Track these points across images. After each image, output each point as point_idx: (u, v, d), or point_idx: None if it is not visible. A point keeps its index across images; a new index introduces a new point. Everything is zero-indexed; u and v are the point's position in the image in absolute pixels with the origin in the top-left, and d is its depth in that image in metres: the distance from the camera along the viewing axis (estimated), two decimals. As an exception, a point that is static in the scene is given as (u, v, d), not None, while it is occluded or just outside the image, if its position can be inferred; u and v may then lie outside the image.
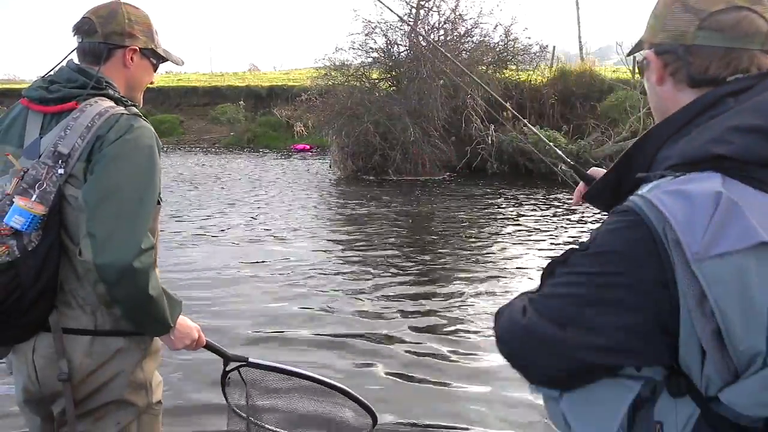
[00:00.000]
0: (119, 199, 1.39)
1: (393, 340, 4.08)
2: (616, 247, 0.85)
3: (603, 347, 0.85)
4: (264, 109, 22.13)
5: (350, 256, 6.38)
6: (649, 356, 0.85)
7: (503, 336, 0.97)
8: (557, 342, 0.88)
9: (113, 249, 1.35)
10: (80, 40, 1.58)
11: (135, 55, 1.61)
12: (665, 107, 0.98)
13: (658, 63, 0.98)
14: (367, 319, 4.49)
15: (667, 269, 0.80)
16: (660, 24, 0.97)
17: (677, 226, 0.79)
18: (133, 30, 1.60)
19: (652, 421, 0.86)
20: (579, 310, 0.87)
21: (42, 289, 1.42)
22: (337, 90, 13.43)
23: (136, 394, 1.57)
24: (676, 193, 0.81)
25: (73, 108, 1.46)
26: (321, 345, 3.98)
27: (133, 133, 1.45)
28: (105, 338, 1.51)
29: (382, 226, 8.00)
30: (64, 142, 1.42)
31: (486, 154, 12.89)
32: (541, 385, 0.97)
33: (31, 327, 1.47)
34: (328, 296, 5.02)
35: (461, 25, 13.70)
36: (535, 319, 0.91)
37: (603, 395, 0.90)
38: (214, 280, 5.44)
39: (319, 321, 4.44)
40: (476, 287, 5.23)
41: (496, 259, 6.22)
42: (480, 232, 7.68)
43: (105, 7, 1.59)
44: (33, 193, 1.39)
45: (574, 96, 14.38)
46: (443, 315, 4.55)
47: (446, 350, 3.90)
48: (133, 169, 1.43)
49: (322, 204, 9.97)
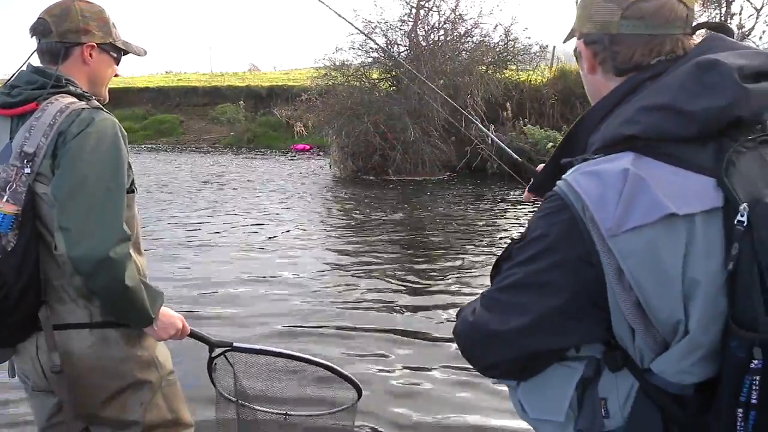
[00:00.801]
0: (88, 191, 1.41)
1: (392, 340, 4.08)
2: (544, 230, 0.89)
3: (542, 331, 0.88)
4: (264, 109, 22.12)
5: (350, 257, 6.38)
6: (586, 333, 0.89)
7: (458, 334, 1.01)
8: (501, 333, 0.91)
9: (86, 241, 1.37)
10: (38, 41, 1.59)
11: (93, 51, 1.61)
12: (599, 94, 1.02)
13: (588, 53, 1.01)
14: (367, 319, 4.49)
15: (589, 246, 0.83)
16: (587, 14, 1.00)
17: (591, 205, 0.83)
18: (89, 26, 1.59)
19: (598, 398, 0.90)
20: (517, 298, 0.90)
21: (25, 287, 1.44)
22: (337, 90, 13.43)
23: (148, 371, 1.63)
24: (590, 174, 0.85)
25: (34, 109, 1.48)
26: (322, 342, 3.99)
27: (95, 126, 1.46)
28: (102, 329, 1.56)
29: (382, 226, 8.00)
30: (29, 142, 1.44)
31: (486, 154, 12.87)
32: (496, 378, 1.02)
33: (21, 325, 1.49)
34: (328, 296, 5.02)
35: (461, 25, 13.70)
36: (481, 315, 0.95)
37: (551, 380, 0.94)
38: (215, 280, 5.44)
39: (318, 319, 4.44)
40: (476, 286, 5.23)
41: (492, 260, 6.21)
42: (480, 231, 7.68)
43: (57, 6, 1.58)
44: (4, 195, 1.42)
45: (574, 96, 14.35)
46: (443, 314, 4.56)
47: (446, 349, 3.91)
48: (98, 160, 1.44)
49: (321, 204, 9.96)
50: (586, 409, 0.91)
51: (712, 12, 17.29)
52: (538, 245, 0.89)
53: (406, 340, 4.09)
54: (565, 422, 0.93)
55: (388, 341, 4.07)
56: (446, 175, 12.84)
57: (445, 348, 3.93)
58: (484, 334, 0.94)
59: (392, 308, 4.73)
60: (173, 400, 1.71)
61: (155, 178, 12.80)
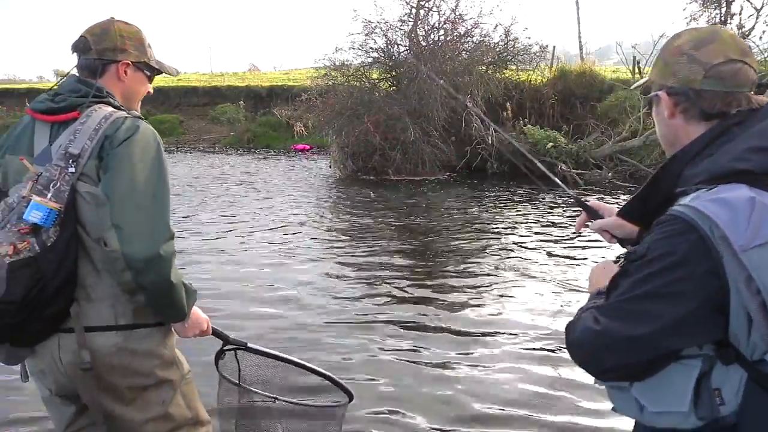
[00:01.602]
0: (138, 193, 1.51)
1: (390, 338, 4.09)
2: (669, 249, 1.05)
3: (673, 334, 1.05)
4: (264, 109, 22.14)
5: (350, 256, 6.38)
6: (709, 334, 1.06)
7: (578, 345, 1.15)
8: (636, 338, 1.06)
9: (138, 238, 1.48)
10: (78, 57, 1.70)
11: (128, 68, 1.72)
12: (675, 135, 1.24)
13: (669, 102, 1.22)
14: (367, 318, 4.50)
15: (716, 261, 1.01)
16: (670, 70, 1.22)
17: (723, 225, 1.01)
18: (125, 45, 1.71)
19: (712, 389, 1.07)
20: (648, 307, 1.06)
21: (63, 281, 1.50)
22: (337, 90, 13.43)
23: (169, 370, 1.68)
24: (717, 201, 1.04)
25: (75, 117, 1.58)
26: (324, 341, 4.00)
27: (140, 134, 1.57)
28: (127, 330, 1.60)
29: (381, 226, 8.00)
30: (74, 144, 1.53)
31: (486, 154, 12.89)
32: (616, 380, 1.15)
33: (52, 321, 1.53)
34: (328, 295, 5.03)
35: (461, 25, 13.70)
36: (608, 324, 1.09)
37: (672, 377, 1.09)
38: (215, 280, 5.44)
39: (318, 318, 4.45)
40: (477, 285, 5.24)
41: (496, 258, 6.22)
42: (481, 231, 7.68)
43: (98, 26, 1.72)
44: (48, 193, 1.50)
45: (574, 96, 14.38)
46: (443, 313, 4.56)
47: (447, 348, 3.91)
48: (146, 166, 1.55)
49: (321, 204, 9.97)
50: (704, 399, 1.07)
51: (712, 12, 17.29)
52: (663, 261, 1.05)
53: (406, 342, 4.09)
54: (688, 412, 1.08)
55: (389, 341, 4.08)
56: (446, 175, 12.84)
57: (445, 345, 3.94)
58: (615, 340, 1.07)
59: (392, 308, 4.73)
60: (191, 398, 1.76)
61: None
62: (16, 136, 1.66)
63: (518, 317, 4.50)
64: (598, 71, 15.50)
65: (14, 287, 1.43)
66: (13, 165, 1.61)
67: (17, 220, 1.49)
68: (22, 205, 1.50)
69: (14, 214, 1.50)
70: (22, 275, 1.44)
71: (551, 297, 4.97)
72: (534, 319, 4.47)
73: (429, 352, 3.87)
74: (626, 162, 11.95)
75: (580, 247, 6.65)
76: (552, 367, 3.64)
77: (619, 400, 1.18)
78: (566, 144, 12.20)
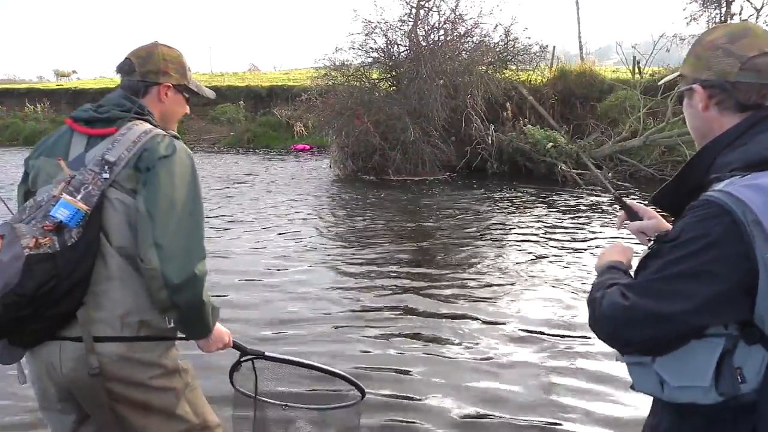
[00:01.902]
0: (177, 213, 1.57)
1: (390, 338, 4.09)
2: (703, 231, 1.09)
3: (702, 313, 1.09)
4: (264, 109, 22.12)
5: (351, 256, 6.38)
6: (736, 314, 1.10)
7: (604, 320, 1.18)
8: (662, 315, 1.10)
9: (177, 258, 1.53)
10: (122, 77, 1.79)
11: (169, 90, 1.80)
12: (708, 128, 1.27)
13: (704, 94, 1.25)
14: (368, 317, 4.50)
15: (747, 244, 1.06)
16: (704, 64, 1.25)
17: (757, 210, 1.05)
18: (167, 68, 1.79)
19: (734, 367, 1.10)
20: (679, 286, 1.10)
21: (75, 282, 1.51)
22: (337, 90, 13.42)
23: (172, 379, 1.68)
24: (752, 187, 1.08)
25: (111, 133, 1.64)
26: (327, 341, 4.00)
27: (178, 153, 1.64)
28: (131, 342, 1.60)
29: (382, 226, 8.01)
30: (112, 153, 1.59)
31: (486, 154, 12.88)
32: (639, 354, 1.18)
33: (55, 321, 1.53)
34: (329, 294, 5.02)
35: (461, 25, 13.69)
36: (637, 301, 1.12)
37: (695, 353, 1.12)
38: (213, 281, 5.44)
39: (319, 318, 4.45)
40: (478, 284, 5.24)
41: (497, 258, 6.22)
42: (481, 231, 7.68)
43: (143, 49, 1.80)
44: (78, 195, 1.54)
45: (574, 96, 14.37)
46: (443, 312, 4.56)
47: (446, 347, 3.92)
48: (184, 186, 1.61)
49: (321, 204, 9.97)
50: (726, 376, 1.10)
51: (712, 12, 17.30)
52: (697, 243, 1.09)
53: (408, 339, 4.09)
54: (709, 387, 1.11)
55: (390, 341, 4.08)
56: (446, 175, 12.82)
57: (445, 347, 3.94)
58: (644, 316, 1.11)
59: (392, 308, 4.73)
60: (197, 404, 1.76)
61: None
62: (52, 141, 1.72)
63: (525, 313, 4.52)
64: (598, 71, 15.49)
65: (27, 280, 1.43)
66: (46, 167, 1.66)
67: (43, 217, 1.52)
68: (50, 203, 1.53)
69: (41, 211, 1.53)
70: (38, 270, 1.45)
71: (559, 294, 4.98)
72: (541, 313, 4.47)
73: (439, 343, 3.88)
74: (626, 162, 11.95)
75: (581, 247, 6.65)
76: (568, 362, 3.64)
77: (639, 377, 1.21)
78: (566, 144, 12.19)
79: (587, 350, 3.85)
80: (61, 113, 23.63)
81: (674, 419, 1.22)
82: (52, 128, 22.09)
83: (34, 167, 1.70)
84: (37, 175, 1.68)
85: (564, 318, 4.48)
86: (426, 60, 12.57)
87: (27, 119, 22.27)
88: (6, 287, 1.42)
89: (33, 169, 1.71)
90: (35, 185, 1.67)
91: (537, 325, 4.33)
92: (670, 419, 1.23)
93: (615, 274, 1.30)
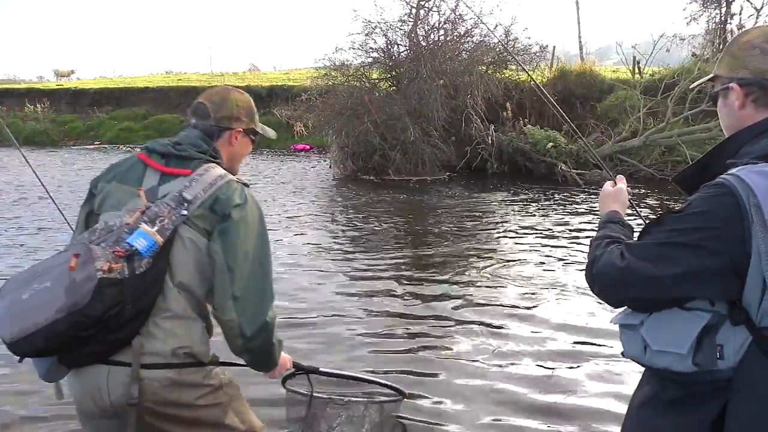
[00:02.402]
0: (252, 264, 1.66)
1: (393, 339, 4.09)
2: (709, 207, 1.15)
3: (690, 282, 1.15)
4: (264, 109, 22.11)
5: (351, 257, 6.39)
6: (723, 292, 1.15)
7: (601, 277, 1.26)
8: (657, 278, 1.17)
9: (251, 308, 1.65)
10: (195, 121, 1.86)
11: (239, 135, 1.89)
12: (741, 123, 1.31)
13: (741, 92, 1.30)
14: (368, 317, 4.50)
15: (745, 228, 1.11)
16: (740, 63, 1.31)
17: (759, 194, 1.10)
18: (239, 114, 1.88)
19: (715, 343, 1.15)
20: (675, 253, 1.17)
21: (139, 310, 1.55)
22: (337, 90, 13.42)
23: (218, 395, 1.74)
24: (760, 173, 1.13)
25: (185, 174, 1.70)
26: (332, 342, 3.99)
27: (250, 203, 1.72)
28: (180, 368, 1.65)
29: (382, 226, 8.01)
30: (189, 191, 1.65)
31: (486, 154, 12.88)
32: (622, 307, 1.27)
33: (113, 347, 1.56)
34: (329, 295, 5.03)
35: (461, 25, 13.69)
36: (633, 262, 1.20)
37: (680, 323, 1.18)
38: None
39: (321, 320, 4.44)
40: (478, 284, 5.24)
41: (497, 258, 6.22)
42: (481, 231, 7.68)
43: (217, 94, 1.89)
44: (154, 226, 1.60)
45: (574, 96, 14.37)
46: (443, 312, 4.57)
47: (448, 346, 3.93)
48: (257, 235, 1.71)
49: (321, 204, 9.97)
50: (705, 350, 1.15)
51: (712, 12, 17.28)
52: (699, 217, 1.16)
53: (407, 342, 4.09)
54: (686, 355, 1.16)
55: (393, 342, 4.07)
56: (446, 175, 12.83)
57: (446, 340, 3.94)
58: (637, 277, 1.19)
59: (392, 307, 4.73)
60: (242, 412, 1.82)
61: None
62: (126, 168, 1.77)
63: (538, 314, 4.52)
64: (598, 71, 15.49)
65: (97, 302, 1.47)
66: (117, 193, 1.71)
67: (114, 242, 1.56)
68: (123, 230, 1.58)
69: (112, 236, 1.58)
70: (108, 293, 1.48)
71: (575, 297, 4.97)
72: (558, 316, 4.47)
73: (448, 347, 3.89)
74: (626, 162, 11.94)
75: (584, 249, 6.65)
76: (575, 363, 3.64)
77: (628, 341, 1.28)
78: (566, 144, 12.19)
79: (609, 353, 3.85)
80: (61, 113, 23.65)
81: (657, 387, 1.27)
82: (52, 128, 22.27)
83: (103, 190, 1.75)
84: (105, 198, 1.73)
85: (585, 322, 4.42)
86: (426, 60, 12.57)
87: (27, 119, 22.28)
88: (75, 306, 1.45)
89: (101, 192, 1.75)
90: (101, 208, 1.72)
91: (553, 328, 4.33)
92: (653, 387, 1.29)
93: (613, 229, 1.39)
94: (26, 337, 1.46)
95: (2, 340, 1.50)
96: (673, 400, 1.23)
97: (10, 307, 1.50)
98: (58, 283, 1.48)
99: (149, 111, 23.39)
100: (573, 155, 12.02)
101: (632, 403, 1.37)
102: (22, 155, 2.84)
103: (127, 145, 20.37)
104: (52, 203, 2.92)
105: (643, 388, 1.34)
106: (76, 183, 11.63)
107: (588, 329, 4.25)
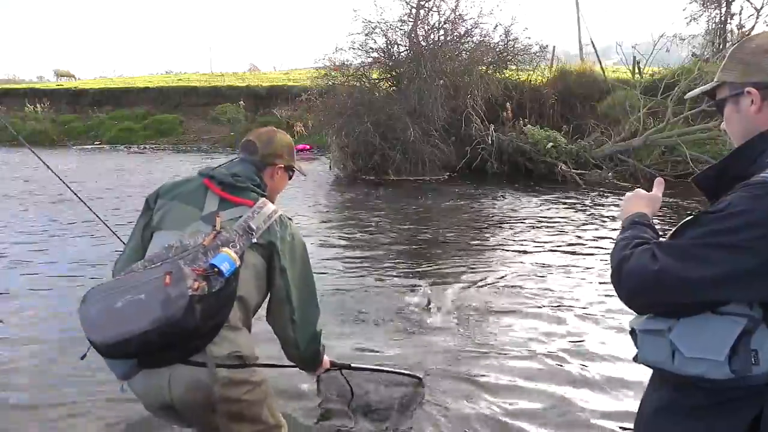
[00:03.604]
0: (305, 290, 2.02)
1: (395, 340, 4.10)
2: (748, 207, 1.12)
3: (726, 285, 1.11)
4: (264, 109, 22.13)
5: (352, 256, 6.39)
6: (758, 295, 1.12)
7: (631, 280, 1.19)
8: (687, 280, 1.12)
9: (305, 326, 2.03)
10: (243, 155, 2.12)
11: (280, 170, 2.17)
12: (755, 128, 1.30)
13: (758, 96, 1.29)
14: (365, 316, 4.50)
15: None
16: (754, 68, 1.30)
17: None
18: (283, 153, 2.17)
19: (750, 348, 1.12)
20: (715, 254, 1.12)
21: (217, 323, 1.77)
22: (337, 90, 13.42)
23: (258, 391, 1.93)
24: None
25: (248, 204, 1.95)
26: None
27: (298, 237, 2.03)
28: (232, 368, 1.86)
29: (382, 226, 8.01)
30: (254, 221, 1.90)
31: (486, 154, 12.88)
32: (655, 313, 1.21)
33: (192, 352, 1.75)
34: (330, 295, 5.03)
35: (461, 25, 13.69)
36: (666, 263, 1.15)
37: (715, 328, 1.14)
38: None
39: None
40: (480, 285, 5.24)
41: (498, 258, 6.22)
42: (481, 231, 7.68)
43: (265, 134, 2.18)
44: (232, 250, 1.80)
45: (574, 96, 14.37)
46: (444, 311, 4.56)
47: (445, 343, 3.92)
48: (306, 267, 2.05)
49: (322, 204, 9.97)
50: (741, 355, 1.12)
51: (712, 12, 17.28)
52: (739, 217, 1.12)
53: (409, 338, 4.10)
54: (723, 362, 1.13)
55: (394, 343, 4.08)
56: (446, 175, 12.83)
57: (446, 340, 3.94)
58: (670, 279, 1.14)
59: (393, 307, 4.73)
60: (273, 407, 2.03)
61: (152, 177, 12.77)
62: (189, 189, 1.99)
63: (534, 310, 4.51)
64: (598, 71, 15.49)
65: (190, 318, 1.63)
66: (178, 212, 1.94)
67: (191, 260, 1.75)
68: (199, 250, 1.78)
69: (188, 254, 1.78)
70: (197, 309, 1.64)
71: (564, 292, 4.98)
72: (548, 311, 4.47)
73: (443, 337, 3.88)
74: (626, 162, 11.95)
75: (586, 251, 6.65)
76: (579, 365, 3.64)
77: (650, 347, 1.23)
78: (566, 144, 12.20)
79: (620, 357, 3.85)
80: (61, 113, 23.65)
81: (675, 394, 1.23)
82: (52, 128, 22.26)
83: (162, 207, 1.97)
84: (164, 215, 1.95)
85: (593, 324, 4.46)
86: (426, 60, 12.57)
87: (27, 119, 22.28)
88: (170, 319, 1.60)
89: (161, 208, 1.97)
90: (160, 225, 1.94)
91: (555, 322, 4.34)
92: (671, 394, 1.24)
93: (641, 230, 1.32)
94: (120, 342, 1.62)
95: (92, 341, 1.66)
96: (697, 406, 1.19)
97: (105, 313, 1.65)
98: (153, 297, 1.63)
99: (149, 111, 23.39)
100: (573, 155, 12.03)
101: (645, 410, 1.32)
102: (40, 160, 2.95)
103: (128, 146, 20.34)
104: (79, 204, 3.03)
105: (654, 394, 1.31)
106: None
107: (588, 329, 4.25)
